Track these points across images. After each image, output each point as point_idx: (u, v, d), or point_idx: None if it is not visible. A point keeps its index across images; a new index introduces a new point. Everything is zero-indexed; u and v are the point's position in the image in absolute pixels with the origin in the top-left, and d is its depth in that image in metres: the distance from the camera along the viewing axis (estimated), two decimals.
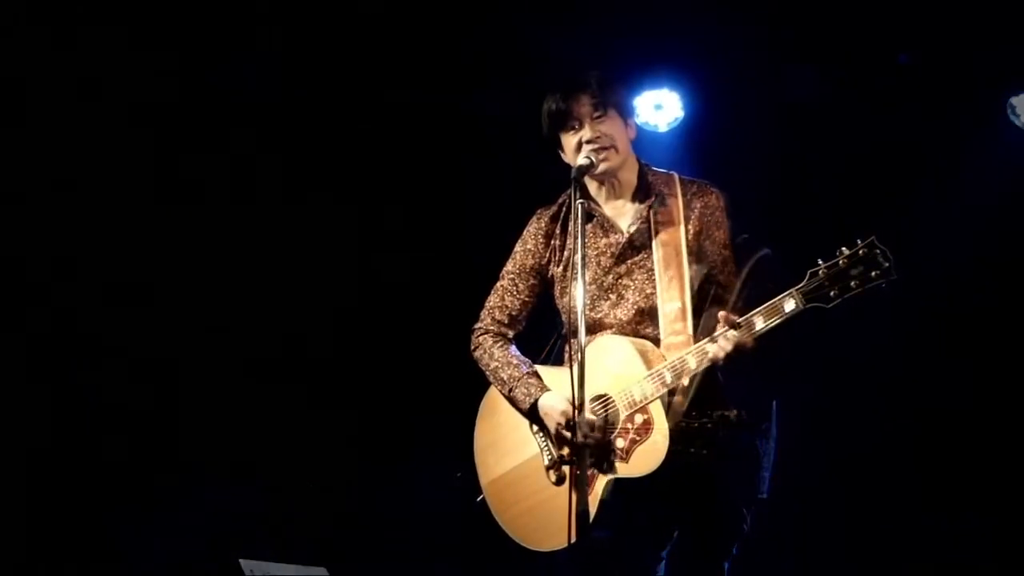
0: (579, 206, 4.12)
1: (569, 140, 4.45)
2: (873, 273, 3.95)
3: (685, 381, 4.18)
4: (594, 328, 4.37)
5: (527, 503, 4.41)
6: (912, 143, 6.36)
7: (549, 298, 4.62)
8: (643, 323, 4.37)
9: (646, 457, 4.15)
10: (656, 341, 4.32)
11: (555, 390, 4.36)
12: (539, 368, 4.52)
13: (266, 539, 6.51)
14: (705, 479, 4.24)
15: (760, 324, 4.07)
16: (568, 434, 4.21)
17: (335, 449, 6.79)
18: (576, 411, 3.88)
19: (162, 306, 6.60)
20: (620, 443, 4.21)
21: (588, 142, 4.39)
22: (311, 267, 6.84)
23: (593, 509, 4.04)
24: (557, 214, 4.62)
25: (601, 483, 4.21)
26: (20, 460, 6.29)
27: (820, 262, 4.02)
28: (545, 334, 4.69)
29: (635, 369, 4.23)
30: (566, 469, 4.30)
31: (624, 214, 4.51)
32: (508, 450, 4.50)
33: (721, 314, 4.13)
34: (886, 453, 6.45)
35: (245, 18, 6.31)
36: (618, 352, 4.29)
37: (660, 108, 6.69)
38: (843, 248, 4.00)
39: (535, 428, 4.44)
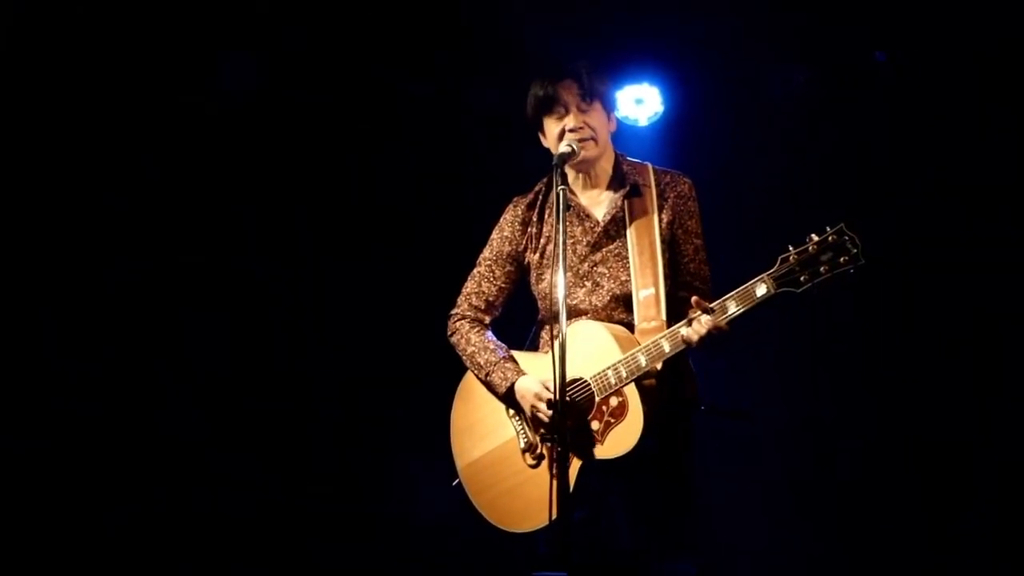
0: (560, 193, 4.18)
1: (552, 126, 4.52)
2: (842, 259, 4.05)
3: (659, 365, 4.26)
4: (570, 314, 4.39)
5: (503, 486, 4.47)
6: (894, 139, 6.37)
7: (527, 285, 4.69)
8: (618, 309, 4.45)
9: (620, 439, 4.23)
10: (631, 327, 4.40)
11: (531, 375, 4.44)
12: (515, 353, 4.59)
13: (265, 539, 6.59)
14: (675, 459, 4.34)
15: (733, 308, 4.17)
16: (544, 417, 4.30)
17: (333, 448, 6.83)
18: (556, 393, 3.95)
19: (159, 306, 6.68)
20: (595, 425, 4.29)
21: (572, 131, 4.46)
22: (308, 264, 6.91)
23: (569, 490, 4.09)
24: (534, 202, 4.69)
25: (576, 465, 4.28)
26: (19, 460, 6.35)
27: (790, 248, 4.11)
28: (522, 321, 4.75)
29: (610, 353, 4.30)
30: (542, 451, 4.38)
31: (599, 203, 4.59)
32: (484, 433, 4.56)
33: (694, 299, 4.21)
34: (885, 453, 6.43)
35: (241, 15, 6.38)
36: (593, 337, 4.36)
37: (641, 102, 6.68)
38: (812, 234, 4.11)
39: (511, 412, 4.51)
